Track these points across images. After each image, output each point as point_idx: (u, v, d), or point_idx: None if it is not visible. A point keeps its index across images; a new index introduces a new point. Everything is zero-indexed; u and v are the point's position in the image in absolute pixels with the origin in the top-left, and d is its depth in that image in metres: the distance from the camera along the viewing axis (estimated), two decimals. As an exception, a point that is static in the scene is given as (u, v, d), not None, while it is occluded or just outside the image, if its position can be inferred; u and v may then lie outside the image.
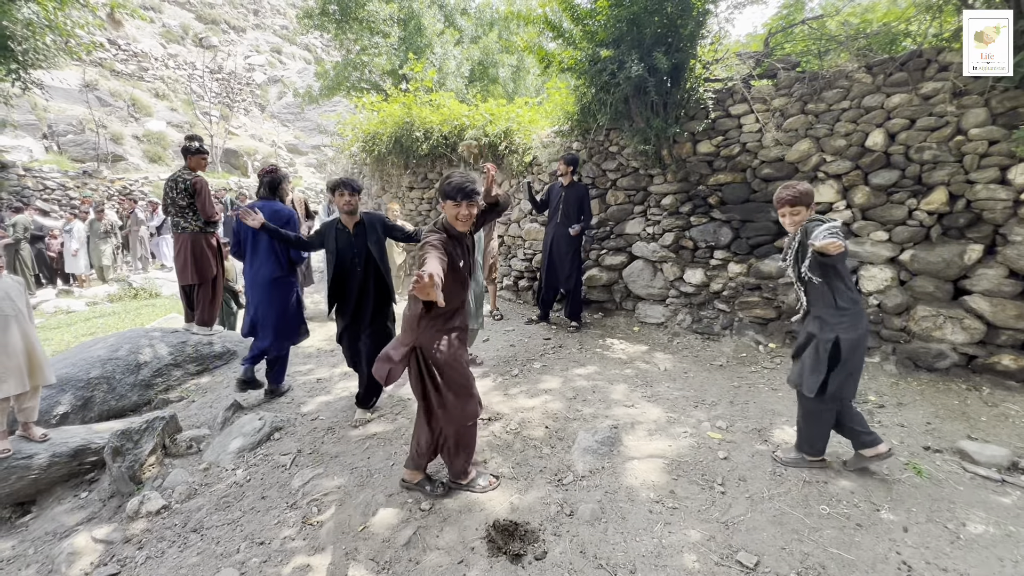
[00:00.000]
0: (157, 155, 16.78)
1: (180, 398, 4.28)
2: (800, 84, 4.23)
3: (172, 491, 2.93)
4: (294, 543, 2.40)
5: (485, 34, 13.46)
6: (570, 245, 4.93)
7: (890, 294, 3.89)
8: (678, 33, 4.33)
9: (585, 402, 3.59)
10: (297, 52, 27.59)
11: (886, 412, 3.34)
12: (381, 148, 7.68)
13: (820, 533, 2.24)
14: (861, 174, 4.02)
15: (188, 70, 21.72)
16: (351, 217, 3.24)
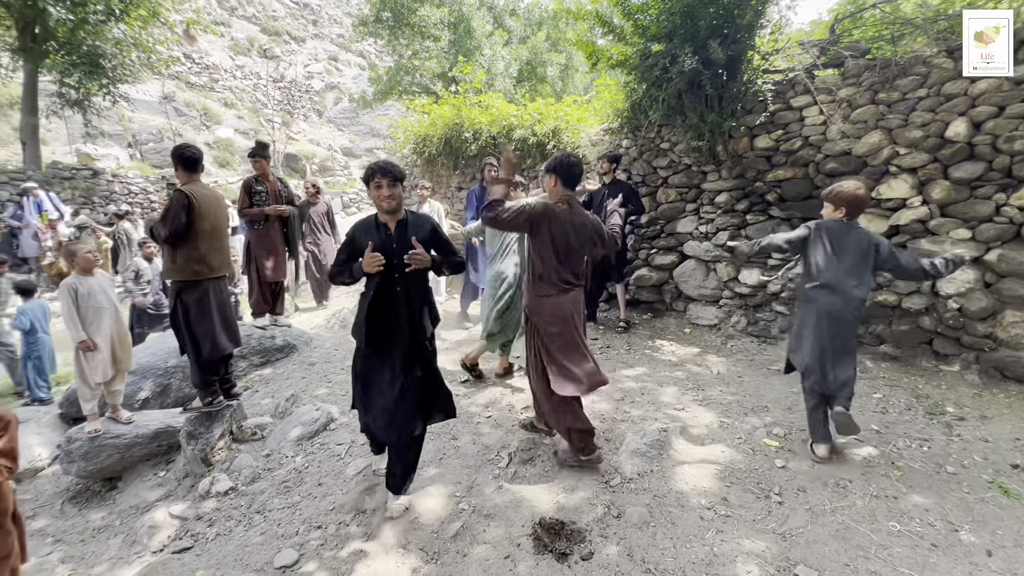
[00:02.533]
0: (225, 160, 17.94)
1: (245, 388, 4.56)
2: (870, 72, 3.96)
3: (239, 474, 3.14)
4: (349, 529, 2.51)
5: (533, 34, 13.49)
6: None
7: (973, 297, 3.57)
8: (735, 23, 4.16)
9: (633, 404, 3.53)
10: (352, 59, 28.69)
11: (967, 425, 3.07)
12: (431, 149, 7.85)
13: (889, 551, 2.10)
14: (940, 167, 3.71)
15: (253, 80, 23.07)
16: (392, 216, 2.40)
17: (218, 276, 3.32)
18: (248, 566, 2.33)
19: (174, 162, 3.30)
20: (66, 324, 3.38)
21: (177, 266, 3.21)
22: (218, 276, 3.32)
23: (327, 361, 4.92)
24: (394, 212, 2.39)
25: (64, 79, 10.61)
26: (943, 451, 2.81)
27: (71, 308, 3.34)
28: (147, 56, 11.72)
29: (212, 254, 3.26)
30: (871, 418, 3.19)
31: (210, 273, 3.25)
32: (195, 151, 3.31)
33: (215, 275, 3.29)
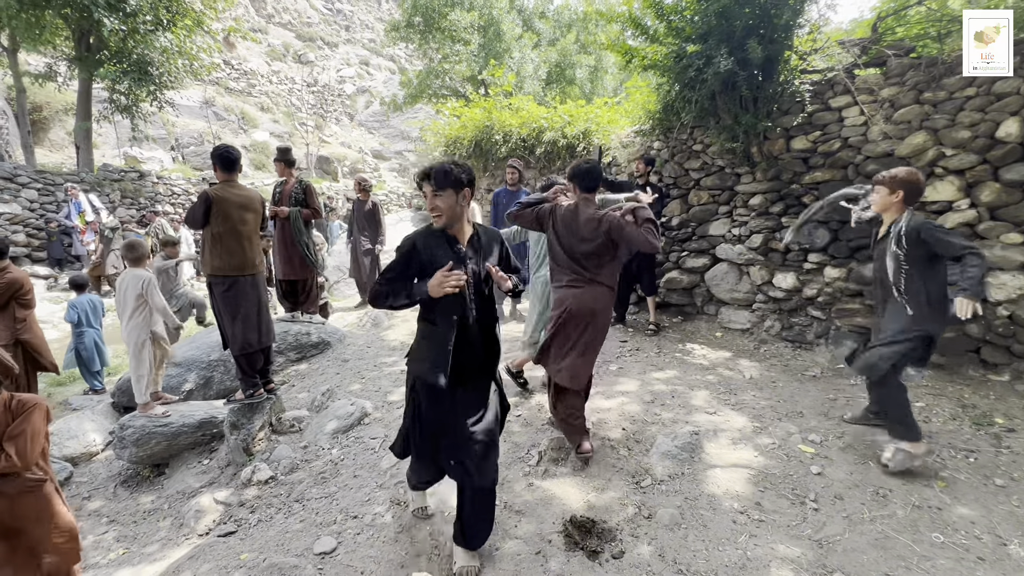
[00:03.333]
0: (261, 163, 18.55)
1: (283, 382, 4.72)
2: (915, 71, 3.85)
3: (278, 464, 3.26)
4: (384, 519, 2.58)
5: (563, 36, 13.51)
6: None
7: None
8: (772, 23, 4.10)
9: (664, 406, 3.51)
10: (383, 63, 29.27)
11: (1017, 437, 2.95)
12: (462, 152, 7.97)
13: (932, 563, 2.05)
14: (989, 169, 3.58)
15: (288, 84, 23.80)
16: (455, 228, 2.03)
17: (244, 274, 3.46)
18: (289, 551, 2.43)
19: (213, 162, 3.48)
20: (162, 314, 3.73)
21: (205, 260, 3.44)
22: (244, 274, 3.46)
23: (360, 358, 5.05)
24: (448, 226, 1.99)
25: (115, 86, 11.18)
26: (991, 462, 2.71)
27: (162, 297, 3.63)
28: (190, 63, 12.24)
29: (234, 252, 3.40)
30: (913, 427, 3.10)
31: (233, 271, 3.41)
32: (233, 152, 3.49)
33: (240, 273, 3.43)
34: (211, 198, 3.35)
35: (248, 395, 3.57)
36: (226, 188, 3.45)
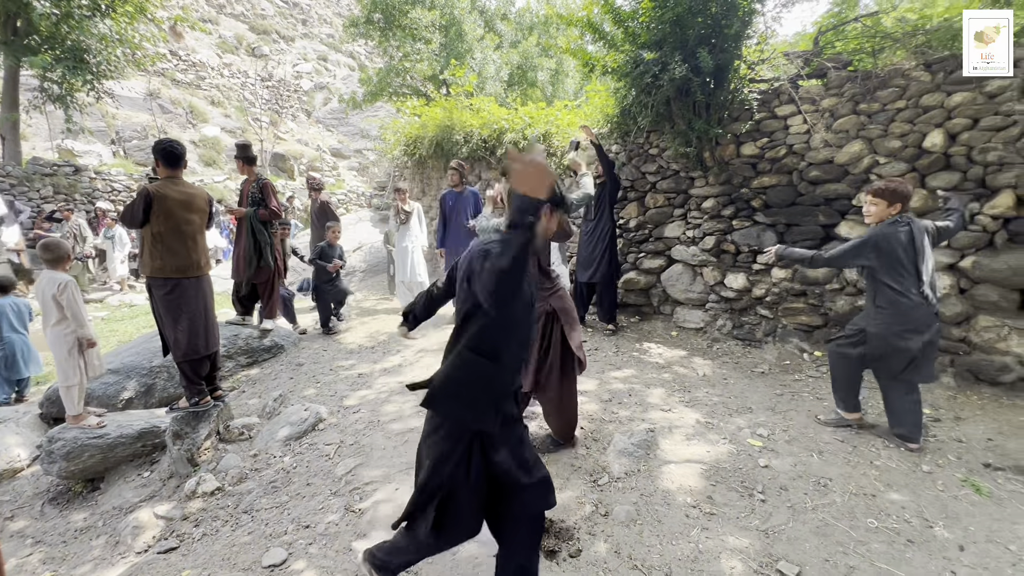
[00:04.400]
0: (211, 159, 17.72)
1: (232, 388, 4.52)
2: (852, 84, 4.08)
3: (225, 474, 3.11)
4: (338, 528, 2.51)
5: (524, 38, 13.58)
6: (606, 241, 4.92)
7: (948, 303, 3.69)
8: (722, 33, 4.26)
9: (621, 405, 3.58)
10: (342, 59, 28.55)
11: (942, 426, 3.17)
12: (422, 151, 7.87)
13: (867, 547, 2.17)
14: (918, 176, 3.84)
15: (241, 78, 22.84)
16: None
17: (188, 276, 3.30)
18: (235, 565, 2.32)
19: (155, 157, 3.30)
20: (76, 321, 3.35)
21: (144, 261, 3.25)
22: (188, 276, 3.30)
23: (315, 362, 4.90)
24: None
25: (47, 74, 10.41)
26: (919, 450, 2.90)
27: (80, 303, 3.34)
28: (133, 52, 11.55)
29: (177, 253, 3.24)
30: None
31: (176, 272, 3.24)
32: (178, 147, 3.31)
33: (183, 275, 3.27)
34: (152, 195, 3.17)
35: (193, 403, 3.39)
36: (168, 185, 3.28)
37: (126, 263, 9.88)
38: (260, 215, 4.80)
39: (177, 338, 3.28)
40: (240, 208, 4.85)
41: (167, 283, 3.26)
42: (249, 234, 4.78)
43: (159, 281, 3.26)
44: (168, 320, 3.29)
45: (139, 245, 3.42)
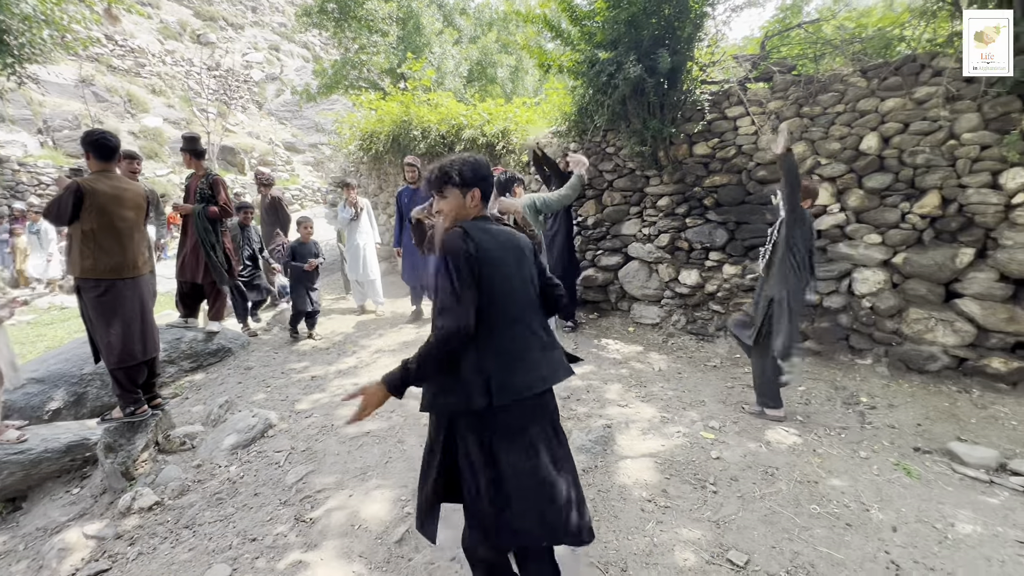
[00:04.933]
0: (153, 151, 16.70)
1: (174, 395, 4.27)
2: (795, 87, 4.26)
3: (165, 487, 2.92)
4: (287, 539, 2.40)
5: (484, 34, 13.48)
6: (565, 242, 4.96)
7: (883, 297, 3.91)
8: (676, 35, 4.35)
9: (579, 401, 3.60)
10: (295, 50, 27.52)
11: (877, 413, 3.37)
12: (379, 147, 7.68)
13: (810, 532, 2.26)
14: (855, 177, 4.05)
15: (185, 67, 21.62)
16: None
17: (123, 277, 3.08)
18: (174, 585, 2.18)
19: (85, 149, 3.05)
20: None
21: (72, 260, 3.01)
22: (123, 277, 3.08)
23: (265, 365, 4.70)
24: None
25: (-41, 56, 9.48)
26: (857, 437, 3.07)
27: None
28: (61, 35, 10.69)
29: (111, 252, 3.02)
30: (796, 409, 3.43)
31: (109, 273, 3.02)
32: (111, 138, 3.07)
33: (117, 275, 3.05)
34: (83, 190, 2.93)
35: (128, 412, 3.17)
36: (101, 179, 3.03)
37: (56, 261, 9.17)
38: (210, 212, 4.55)
39: (110, 343, 3.05)
40: (187, 204, 4.57)
41: (99, 284, 3.02)
42: (198, 232, 4.52)
43: (90, 282, 3.02)
44: (100, 324, 3.05)
45: (68, 244, 3.13)
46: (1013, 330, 3.44)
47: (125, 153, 4.62)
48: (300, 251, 5.27)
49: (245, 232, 5.64)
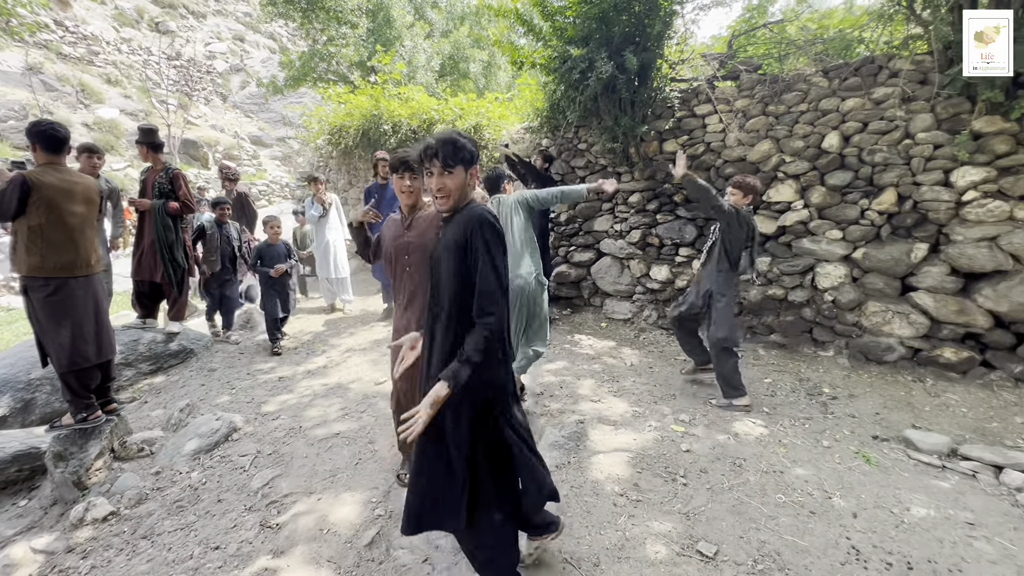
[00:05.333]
0: (109, 144, 15.93)
1: (132, 399, 4.08)
2: (761, 86, 4.35)
3: (121, 496, 2.79)
4: (252, 546, 2.32)
5: (456, 28, 13.34)
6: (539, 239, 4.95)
7: (844, 290, 4.05)
8: (646, 32, 4.38)
9: (552, 397, 3.61)
10: (261, 40, 26.67)
11: (839, 403, 3.48)
12: (348, 141, 7.51)
13: (776, 521, 2.32)
14: (818, 175, 4.17)
15: (143, 55, 20.68)
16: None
17: (75, 275, 2.92)
18: (131, 599, 2.08)
19: (31, 141, 2.87)
20: None
21: (18, 258, 2.83)
22: (75, 275, 2.92)
23: (230, 366, 4.55)
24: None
25: None
26: (820, 427, 3.17)
27: None
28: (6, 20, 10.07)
29: (62, 249, 2.86)
30: (762, 400, 3.52)
31: (59, 271, 2.86)
32: (60, 129, 2.90)
33: (69, 274, 2.89)
34: (29, 183, 2.76)
35: (80, 419, 3.01)
36: (49, 172, 2.86)
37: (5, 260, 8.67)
38: (170, 208, 4.35)
39: (61, 345, 2.89)
40: (145, 200, 4.36)
41: (49, 283, 2.85)
42: (156, 229, 4.32)
43: (38, 281, 2.84)
44: (50, 325, 2.88)
45: (13, 241, 2.93)
46: (963, 321, 3.61)
47: (85, 147, 4.39)
48: (268, 253, 4.89)
49: (223, 229, 5.25)
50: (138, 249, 4.47)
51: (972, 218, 3.57)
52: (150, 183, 4.40)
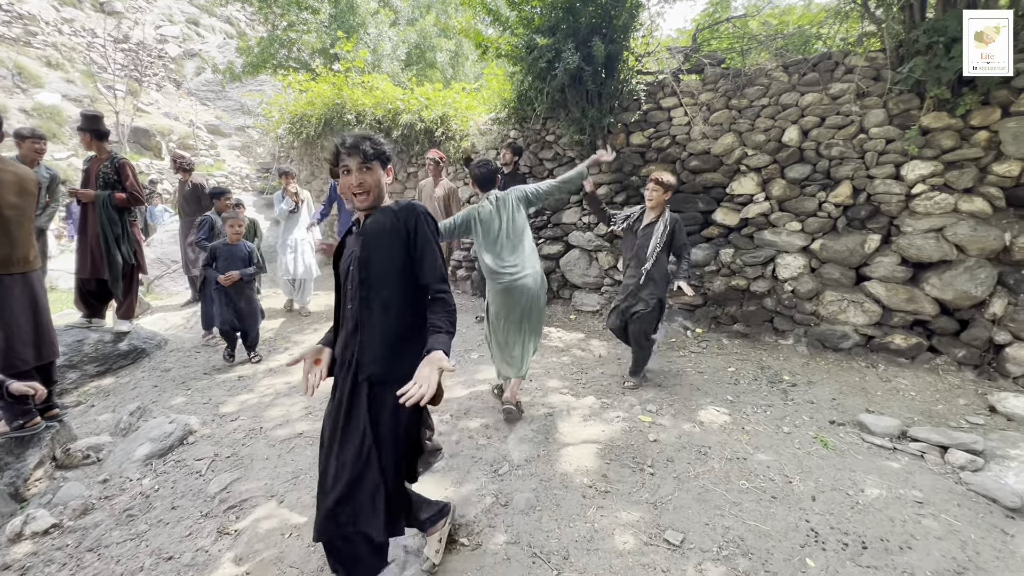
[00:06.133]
0: (51, 131, 14.94)
1: (77, 403, 3.84)
2: (725, 80, 4.41)
3: (64, 507, 2.62)
4: (209, 554, 2.22)
5: (422, 16, 13.05)
6: None
7: (802, 281, 4.18)
8: (612, 24, 4.37)
9: (522, 391, 3.58)
10: (217, 24, 25.48)
11: (798, 390, 3.59)
12: (310, 131, 7.26)
13: (740, 507, 2.37)
14: (778, 168, 4.27)
15: (87, 38, 19.44)
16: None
17: (11, 272, 2.72)
18: (74, 617, 1.95)
19: None
20: None
21: None
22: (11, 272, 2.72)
23: (185, 366, 4.34)
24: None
25: None
26: (780, 414, 3.26)
27: None
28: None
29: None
30: (726, 389, 3.60)
31: None
32: None
33: (3, 271, 2.69)
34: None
35: (17, 426, 2.81)
36: None
37: None
38: (117, 199, 4.09)
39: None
40: (89, 191, 4.08)
41: None
42: (101, 222, 4.06)
43: None
44: None
45: None
46: (912, 309, 3.78)
47: (28, 132, 4.08)
48: (225, 255, 4.14)
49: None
50: (82, 244, 4.20)
51: (921, 210, 3.73)
52: (93, 173, 4.13)
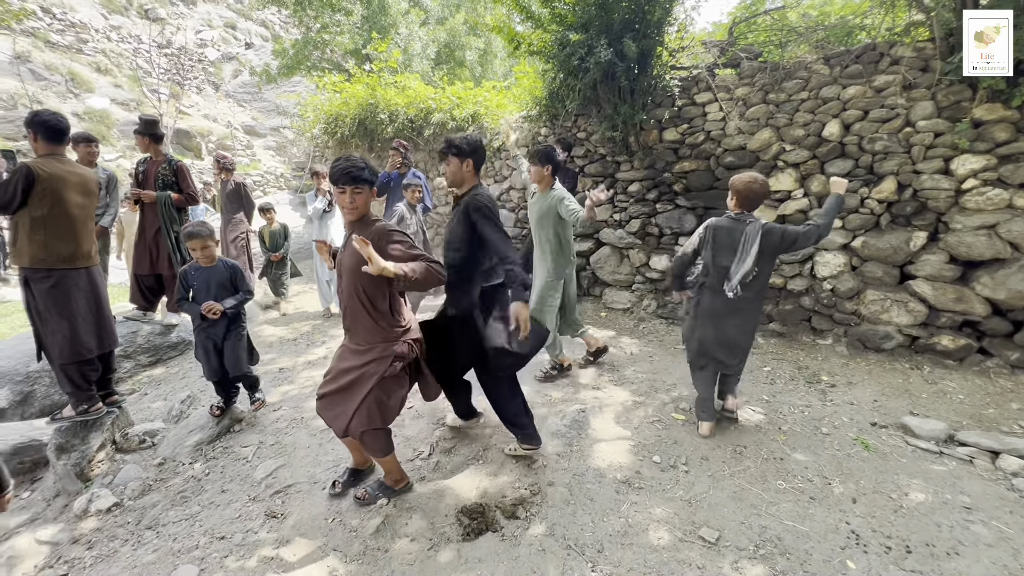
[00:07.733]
0: (101, 134, 15.72)
1: (132, 391, 4.07)
2: (762, 74, 4.32)
3: (124, 488, 2.80)
4: (257, 536, 2.33)
5: (452, 15, 13.16)
6: None
7: (843, 279, 4.06)
8: (645, 19, 4.33)
9: (555, 387, 3.62)
10: (253, 28, 26.27)
11: (837, 391, 3.51)
12: (344, 130, 7.44)
13: (777, 507, 2.35)
14: (818, 163, 4.16)
15: (133, 44, 20.35)
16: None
17: (77, 266, 2.91)
18: (138, 589, 2.09)
19: (33, 131, 2.83)
20: None
21: (19, 249, 2.81)
22: (77, 266, 2.91)
23: (230, 357, 4.53)
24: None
25: None
26: (819, 414, 3.19)
27: None
28: (-10, 6, 9.87)
29: (66, 240, 2.84)
30: (762, 389, 3.54)
31: (62, 262, 2.84)
32: (62, 120, 2.87)
33: (71, 265, 2.88)
34: (35, 174, 2.73)
35: (82, 411, 3.00)
36: (53, 163, 2.83)
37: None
38: (176, 200, 4.32)
39: (63, 336, 2.86)
40: (151, 192, 4.31)
41: (51, 274, 2.84)
42: (164, 222, 4.29)
43: (40, 272, 2.82)
44: (51, 317, 2.86)
45: (12, 232, 2.90)
46: (961, 309, 3.63)
47: (83, 136, 4.34)
48: (199, 280, 3.14)
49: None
50: (141, 242, 4.43)
51: (971, 206, 3.58)
52: (152, 175, 4.34)
